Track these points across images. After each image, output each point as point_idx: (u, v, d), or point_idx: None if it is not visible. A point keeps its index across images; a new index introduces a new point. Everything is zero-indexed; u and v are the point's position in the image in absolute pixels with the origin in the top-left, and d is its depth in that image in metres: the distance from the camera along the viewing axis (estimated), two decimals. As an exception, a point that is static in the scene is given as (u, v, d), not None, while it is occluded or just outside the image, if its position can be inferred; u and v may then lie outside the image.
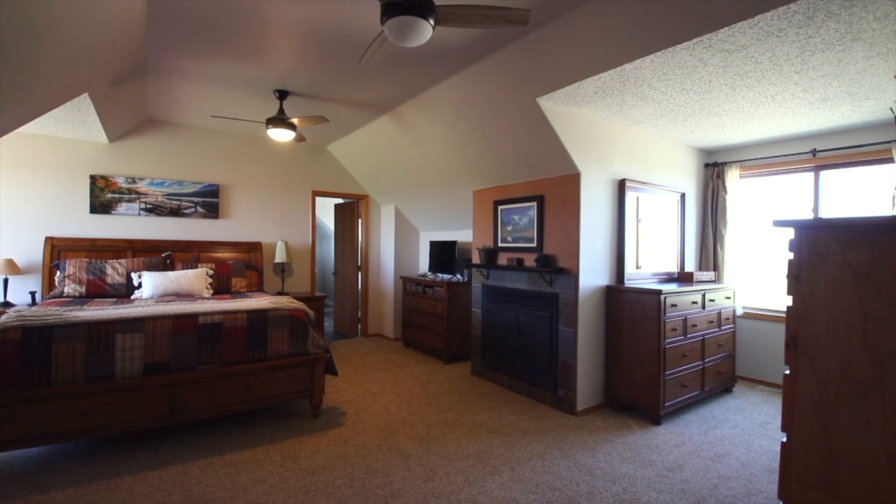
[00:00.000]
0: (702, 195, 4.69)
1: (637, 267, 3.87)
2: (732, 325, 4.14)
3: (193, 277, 4.37)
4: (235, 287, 4.76)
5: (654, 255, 4.06)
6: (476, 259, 4.50)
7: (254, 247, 5.36)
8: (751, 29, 2.20)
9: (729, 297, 4.10)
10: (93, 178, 4.58)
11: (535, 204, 3.81)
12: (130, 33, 2.72)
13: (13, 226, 4.23)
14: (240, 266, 4.92)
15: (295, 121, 3.83)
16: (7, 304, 3.96)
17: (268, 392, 3.18)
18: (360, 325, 6.46)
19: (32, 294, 4.18)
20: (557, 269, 3.54)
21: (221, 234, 5.28)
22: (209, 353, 3.02)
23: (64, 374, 2.60)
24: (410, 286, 5.61)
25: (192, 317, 3.04)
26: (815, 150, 3.96)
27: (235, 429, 3.17)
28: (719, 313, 3.97)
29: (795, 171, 4.23)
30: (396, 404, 3.68)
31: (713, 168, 4.61)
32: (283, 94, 3.89)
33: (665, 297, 3.39)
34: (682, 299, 3.56)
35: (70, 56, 2.45)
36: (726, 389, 4.17)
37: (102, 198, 4.64)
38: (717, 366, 3.94)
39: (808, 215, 4.15)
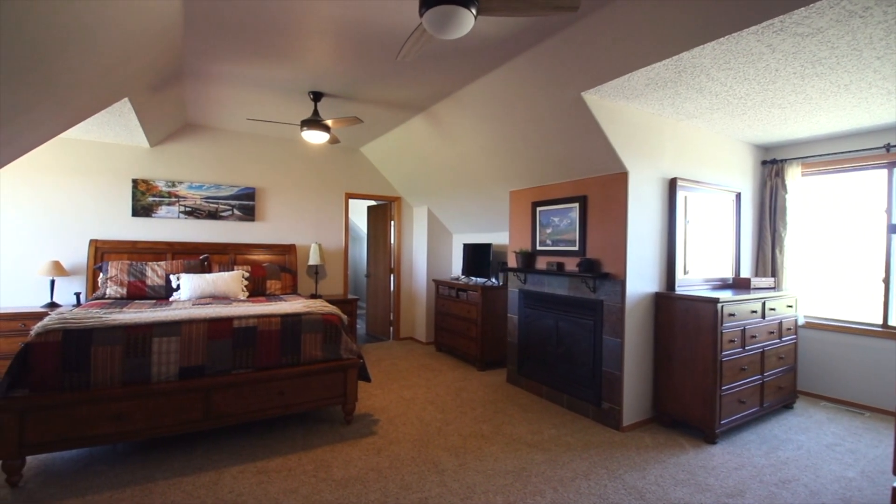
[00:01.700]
0: (758, 195, 4.35)
1: (685, 272, 3.60)
2: (794, 336, 3.81)
3: (230, 280, 4.38)
4: (270, 289, 4.76)
5: (704, 259, 3.77)
6: (512, 263, 4.32)
7: (288, 249, 5.37)
8: (831, 9, 1.95)
9: (791, 306, 3.77)
10: (135, 182, 4.68)
11: (576, 205, 3.60)
12: (167, 37, 2.71)
13: (60, 229, 4.36)
14: (274, 268, 4.93)
15: (329, 122, 3.77)
16: (53, 305, 4.07)
17: (301, 398, 3.12)
18: (392, 328, 6.39)
19: (77, 295, 4.29)
20: (602, 274, 3.33)
21: (257, 237, 5.31)
22: (243, 357, 2.98)
23: (102, 378, 2.60)
24: (443, 290, 5.48)
25: (228, 321, 3.01)
26: (888, 144, 3.59)
27: (268, 434, 3.11)
28: (780, 323, 3.65)
29: (866, 168, 3.85)
30: (430, 413, 3.56)
31: (771, 165, 4.27)
32: (317, 96, 3.84)
33: (722, 306, 3.12)
34: (740, 308, 3.28)
35: (109, 61, 2.45)
36: (787, 406, 3.84)
37: (144, 201, 4.73)
38: (777, 380, 3.62)
39: (882, 216, 3.77)
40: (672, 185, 3.49)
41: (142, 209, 4.72)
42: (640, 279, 3.34)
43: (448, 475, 2.62)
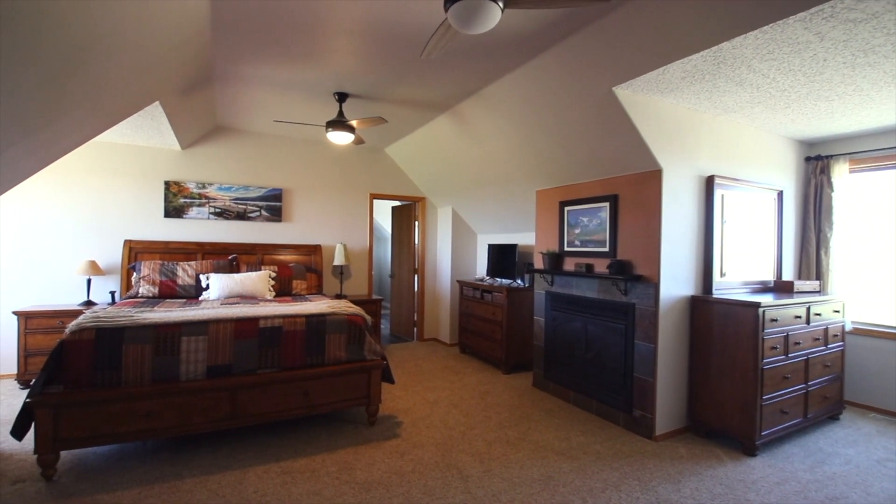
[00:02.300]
0: (802, 193, 4.12)
1: (722, 275, 3.42)
2: (841, 343, 3.58)
3: (257, 279, 4.44)
4: (296, 289, 4.80)
5: (742, 261, 3.58)
6: (539, 264, 4.22)
7: (314, 249, 5.41)
8: (889, -10, 1.80)
9: (837, 311, 3.54)
10: (167, 184, 4.79)
11: (607, 204, 3.48)
12: (196, 40, 2.74)
13: (96, 229, 4.50)
14: (300, 268, 4.97)
15: (354, 123, 3.76)
16: (90, 303, 4.21)
17: (325, 398, 3.11)
18: (416, 329, 6.36)
19: (112, 294, 4.42)
20: (634, 276, 3.20)
21: (284, 237, 5.37)
22: (269, 357, 2.99)
23: (133, 375, 2.64)
24: (467, 291, 5.42)
25: (254, 320, 3.02)
26: (950, 138, 3.32)
27: (293, 435, 3.12)
28: (826, 329, 3.44)
29: (923, 163, 3.59)
30: (454, 416, 3.50)
31: (816, 162, 4.03)
32: (342, 97, 3.84)
33: (764, 311, 2.95)
34: (783, 313, 3.09)
35: (140, 65, 2.49)
36: (832, 417, 3.61)
37: (175, 202, 4.85)
38: (822, 389, 3.41)
39: (942, 216, 3.50)
40: (709, 183, 3.32)
41: (173, 210, 4.84)
42: (675, 282, 3.19)
43: (472, 482, 2.56)
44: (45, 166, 2.81)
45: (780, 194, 3.85)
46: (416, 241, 6.35)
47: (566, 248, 3.91)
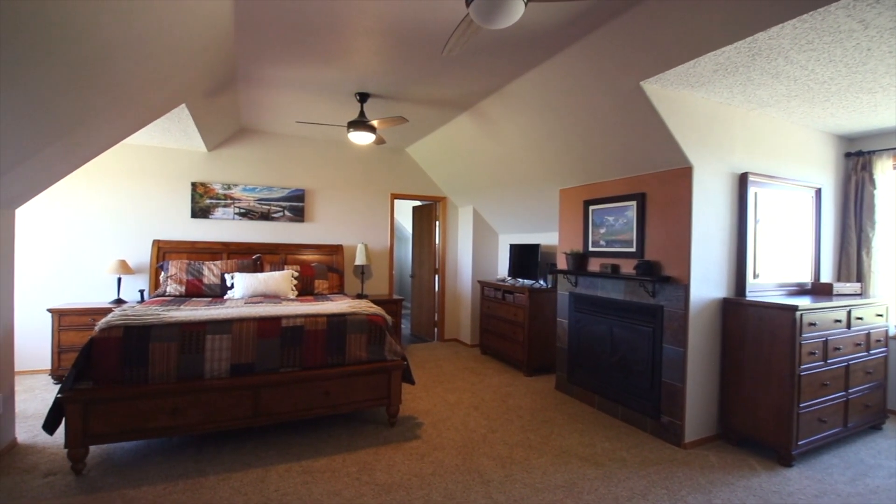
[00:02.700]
0: (841, 190, 3.92)
1: (755, 276, 3.28)
2: (885, 349, 3.39)
3: (280, 279, 4.48)
4: (318, 289, 4.83)
5: (777, 262, 3.42)
6: (562, 264, 4.13)
7: (335, 249, 5.44)
8: (946, -29, 1.67)
9: (881, 315, 3.35)
10: (193, 185, 4.89)
11: (633, 203, 3.37)
12: (220, 43, 2.77)
13: (126, 229, 4.63)
14: (322, 268, 5.00)
15: (375, 123, 3.76)
16: (120, 301, 4.32)
17: (345, 398, 3.11)
18: (436, 329, 6.33)
19: (141, 292, 4.54)
20: (662, 277, 3.09)
21: (306, 237, 5.42)
22: (291, 356, 3.00)
23: (159, 372, 2.69)
24: (489, 291, 5.36)
25: (276, 319, 3.04)
26: None
27: (314, 434, 3.12)
28: (868, 334, 3.26)
29: (977, 158, 3.36)
30: (475, 419, 3.45)
31: (857, 158, 3.82)
32: (363, 97, 3.84)
33: (801, 314, 2.81)
34: (822, 317, 2.94)
35: (166, 67, 2.53)
36: (874, 427, 3.42)
37: (202, 203, 4.94)
38: (863, 398, 3.23)
39: None
40: (742, 180, 3.19)
41: (200, 211, 4.93)
42: (706, 283, 3.07)
43: (493, 486, 2.50)
44: (76, 168, 2.89)
45: (818, 192, 3.67)
46: (437, 241, 6.32)
47: (591, 249, 3.82)
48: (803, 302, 2.93)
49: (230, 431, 3.08)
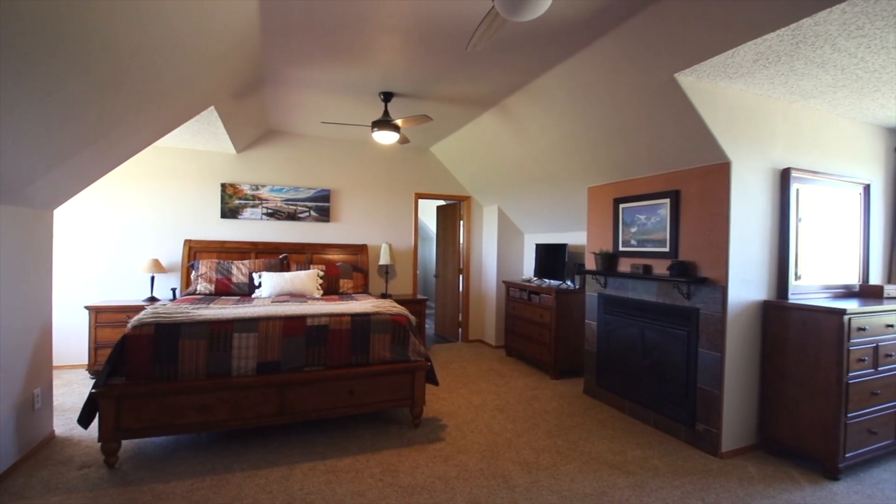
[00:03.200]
0: (892, 187, 3.67)
1: (797, 277, 3.10)
2: (943, 357, 3.14)
3: (306, 278, 4.52)
4: (343, 288, 4.86)
5: (820, 262, 3.22)
6: (591, 265, 4.01)
7: (360, 249, 5.46)
8: None
9: (939, 320, 3.11)
10: (223, 186, 4.99)
11: (667, 201, 3.24)
12: (247, 44, 2.80)
13: (159, 229, 4.76)
14: (347, 268, 5.02)
15: (399, 122, 3.74)
16: (153, 299, 4.44)
17: (369, 398, 3.09)
18: (460, 330, 6.28)
19: (173, 290, 4.66)
20: (698, 278, 2.95)
21: (331, 237, 5.46)
22: (315, 355, 3.01)
23: (188, 369, 2.73)
24: (514, 292, 5.27)
25: (301, 318, 3.06)
26: None
27: (338, 433, 3.12)
28: (924, 340, 3.03)
29: None
30: (500, 422, 3.38)
31: (911, 152, 3.57)
32: (387, 97, 3.83)
33: (850, 319, 2.63)
34: (872, 321, 2.75)
35: (193, 71, 2.57)
36: (932, 440, 3.18)
37: (231, 204, 5.04)
38: (920, 409, 3.01)
39: None
40: (784, 176, 3.02)
41: (229, 211, 5.03)
42: (745, 285, 2.92)
43: (519, 493, 2.43)
44: (110, 170, 2.97)
45: (867, 188, 3.45)
46: (461, 241, 6.27)
47: (621, 248, 3.69)
48: (851, 305, 2.75)
49: (256, 429, 3.11)
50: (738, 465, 2.81)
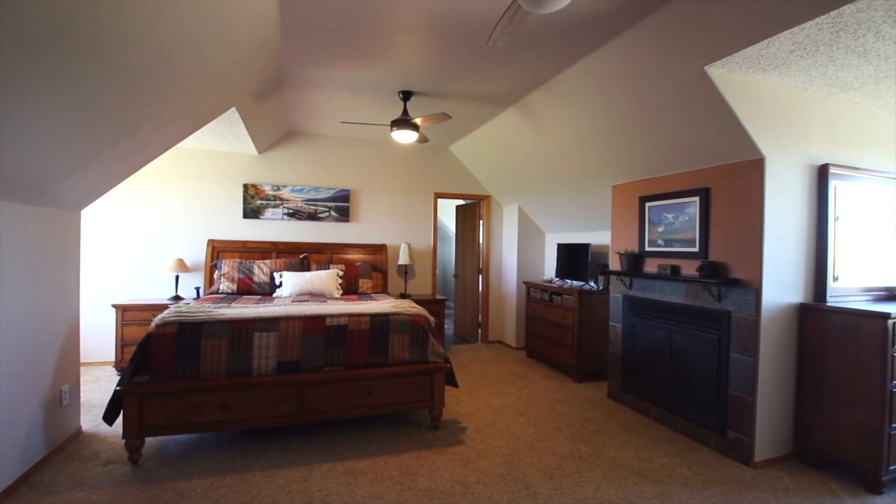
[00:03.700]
0: (941, 184, 3.45)
1: (834, 279, 2.94)
2: None
3: (326, 278, 4.53)
4: (362, 288, 4.85)
5: (860, 263, 3.05)
6: (615, 265, 3.90)
7: (379, 249, 5.45)
8: None
9: None
10: (245, 187, 5.05)
11: (696, 199, 3.12)
12: (267, 45, 2.80)
13: (183, 229, 4.84)
14: (366, 268, 5.02)
15: (418, 121, 3.71)
16: (177, 298, 4.52)
17: (388, 399, 3.07)
18: (480, 331, 6.22)
19: (197, 289, 4.73)
20: (729, 280, 2.83)
21: (351, 237, 5.47)
22: (335, 354, 3.00)
23: (210, 368, 2.75)
24: (535, 293, 5.18)
25: (321, 318, 3.05)
26: None
27: (357, 434, 3.10)
28: (977, 347, 2.83)
29: None
30: (521, 426, 3.31)
31: (961, 146, 3.36)
32: (406, 95, 3.81)
33: (894, 323, 2.47)
34: (920, 326, 2.58)
35: (215, 72, 2.58)
36: (985, 453, 2.97)
37: (253, 204, 5.09)
38: (972, 420, 2.81)
39: None
40: (822, 172, 2.87)
41: (251, 211, 5.09)
42: (780, 287, 2.78)
43: (541, 500, 2.36)
44: (135, 171, 3.01)
45: (913, 185, 3.25)
46: (481, 241, 6.21)
47: (647, 248, 3.57)
48: (895, 309, 2.59)
49: (276, 428, 3.11)
50: (773, 475, 2.68)
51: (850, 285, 3.00)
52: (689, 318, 3.18)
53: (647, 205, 3.56)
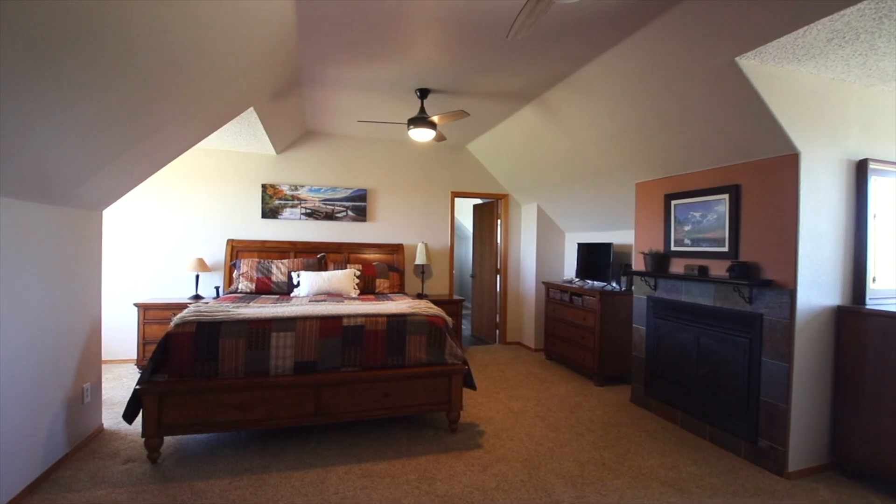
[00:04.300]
0: None
1: (873, 281, 2.78)
2: None
3: (343, 278, 4.52)
4: (379, 288, 4.82)
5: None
6: (639, 265, 3.78)
7: (396, 248, 5.42)
8: None
9: None
10: (264, 187, 5.08)
11: (725, 197, 2.99)
12: (284, 43, 2.78)
13: (203, 229, 4.89)
14: (383, 267, 4.99)
15: (435, 118, 3.65)
16: (198, 297, 4.56)
17: (405, 401, 3.02)
18: (497, 332, 6.14)
19: (217, 289, 4.77)
20: (761, 281, 2.70)
21: (368, 237, 5.45)
22: (352, 355, 2.97)
23: (228, 368, 2.75)
24: (554, 293, 5.08)
25: (338, 319, 3.02)
26: None
27: (374, 436, 3.06)
28: None
29: None
30: (541, 430, 3.22)
31: None
32: (423, 93, 3.76)
33: (944, 328, 2.32)
34: (971, 331, 2.42)
35: (232, 72, 2.57)
36: None
37: (271, 204, 5.12)
38: None
39: None
40: (860, 168, 2.72)
41: (269, 211, 5.11)
42: (816, 288, 2.64)
43: (564, 508, 2.29)
44: (155, 171, 3.03)
45: (961, 181, 3.06)
46: (499, 240, 6.12)
47: (673, 248, 3.45)
48: (945, 312, 2.43)
49: (293, 429, 3.09)
50: (808, 487, 2.54)
51: (889, 287, 2.83)
52: (718, 321, 3.05)
53: (673, 203, 3.44)
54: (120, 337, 4.55)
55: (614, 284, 4.47)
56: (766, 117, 2.53)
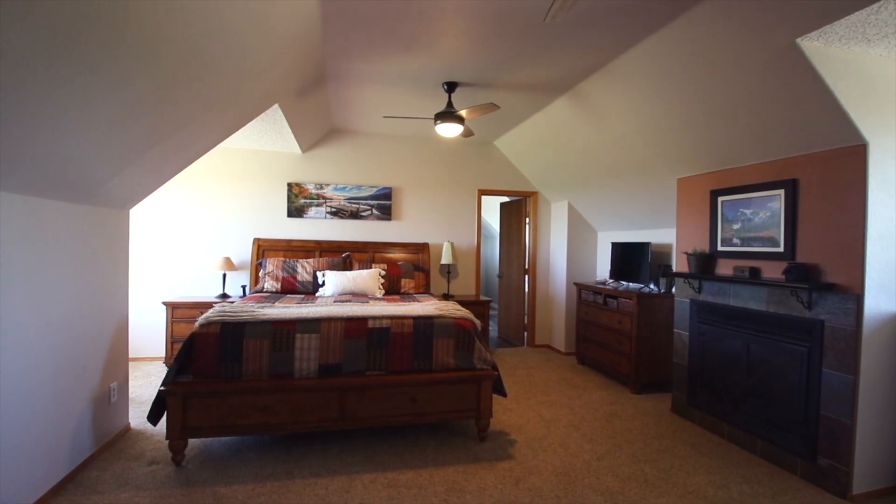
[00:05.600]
0: None
1: (946, 284, 2.49)
2: None
3: (368, 277, 4.44)
4: (404, 288, 4.73)
5: None
6: (681, 266, 3.55)
7: (421, 248, 5.32)
8: None
9: None
10: (289, 186, 5.06)
11: (780, 192, 2.75)
12: (308, 38, 2.70)
13: (230, 228, 4.90)
14: (409, 267, 4.89)
15: (463, 112, 3.52)
16: (225, 296, 4.56)
17: (433, 407, 2.90)
18: (526, 334, 5.96)
19: (243, 287, 4.77)
20: (823, 284, 2.45)
21: (393, 236, 5.37)
22: (377, 358, 2.87)
23: (252, 369, 2.69)
24: (586, 295, 4.87)
25: (363, 320, 2.93)
26: None
27: (400, 443, 2.96)
28: None
29: None
30: (576, 440, 3.05)
31: None
32: (451, 87, 3.63)
33: None
34: None
35: (258, 66, 2.51)
36: None
37: (297, 203, 5.09)
38: None
39: None
40: (939, 159, 2.44)
41: (295, 210, 5.09)
42: (885, 293, 2.38)
43: (604, 528, 2.12)
44: (181, 169, 3.00)
45: None
46: (527, 239, 5.94)
47: (720, 248, 3.21)
48: None
49: (318, 433, 3.02)
50: (877, 512, 2.30)
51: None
52: (772, 328, 2.81)
53: (720, 199, 3.20)
54: (149, 335, 4.60)
55: (652, 286, 4.24)
56: (831, 105, 2.29)
